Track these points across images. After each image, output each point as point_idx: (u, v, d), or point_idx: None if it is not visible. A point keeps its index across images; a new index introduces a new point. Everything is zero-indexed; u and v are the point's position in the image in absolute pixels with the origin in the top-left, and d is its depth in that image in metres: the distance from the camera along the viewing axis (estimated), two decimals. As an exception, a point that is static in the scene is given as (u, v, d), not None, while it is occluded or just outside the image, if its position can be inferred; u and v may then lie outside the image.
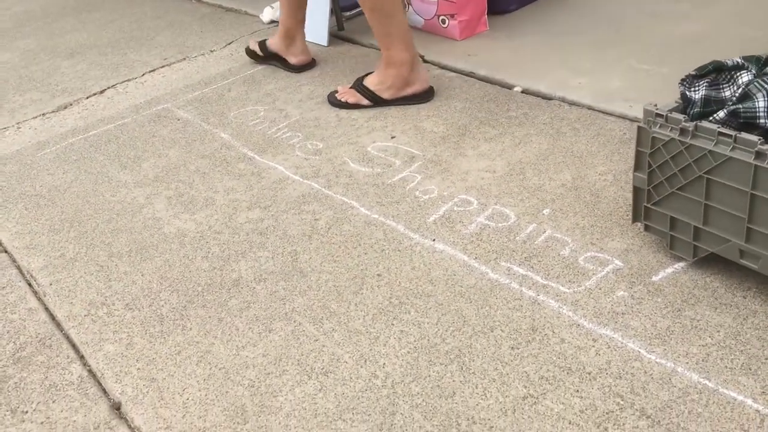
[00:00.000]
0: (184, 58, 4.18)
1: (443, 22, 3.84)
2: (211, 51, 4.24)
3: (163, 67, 4.10)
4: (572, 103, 3.05)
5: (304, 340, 2.02)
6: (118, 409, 1.91)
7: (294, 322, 2.10)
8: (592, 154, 2.67)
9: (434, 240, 2.36)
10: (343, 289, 2.20)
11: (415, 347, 1.95)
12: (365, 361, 1.92)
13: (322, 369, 1.92)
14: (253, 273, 2.32)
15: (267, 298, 2.21)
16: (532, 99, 3.15)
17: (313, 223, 2.54)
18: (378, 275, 2.24)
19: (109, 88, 3.92)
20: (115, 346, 2.10)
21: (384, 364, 1.91)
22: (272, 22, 4.50)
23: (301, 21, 3.65)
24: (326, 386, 1.86)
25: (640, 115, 2.02)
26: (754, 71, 1.99)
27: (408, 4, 4.02)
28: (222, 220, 2.62)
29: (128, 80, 3.98)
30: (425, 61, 3.66)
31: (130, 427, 1.85)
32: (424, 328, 2.01)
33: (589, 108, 2.99)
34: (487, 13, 3.89)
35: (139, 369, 2.01)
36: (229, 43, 4.32)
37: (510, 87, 3.28)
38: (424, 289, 2.15)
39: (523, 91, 3.23)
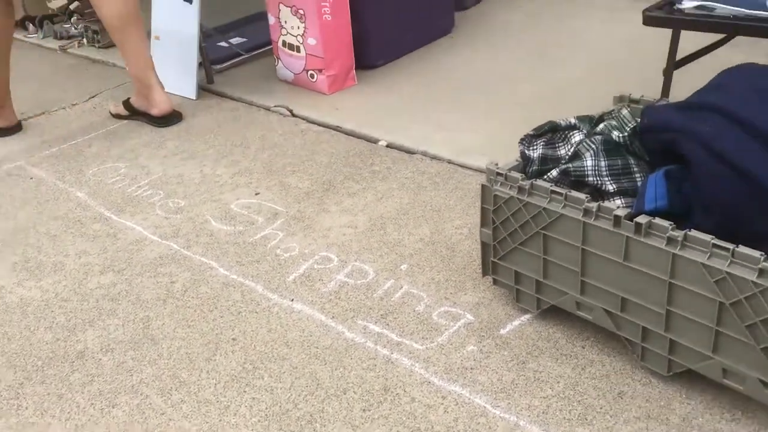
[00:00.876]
0: (43, 113, 4.00)
1: (312, 76, 3.88)
2: (73, 104, 4.09)
3: (20, 122, 3.90)
4: (434, 157, 3.14)
5: (150, 415, 1.93)
6: (-63, 504, 1.74)
7: (141, 394, 2.00)
8: (449, 208, 2.74)
9: (293, 300, 2.34)
10: (196, 356, 2.12)
11: (266, 415, 1.90)
12: (213, 433, 1.86)
13: (167, 444, 1.83)
14: (100, 343, 2.21)
15: (113, 370, 2.10)
16: (396, 153, 3.21)
17: (169, 286, 2.45)
18: (233, 339, 2.18)
19: (-43, 144, 3.69)
20: (-61, 433, 1.93)
21: (233, 435, 1.85)
22: (140, 74, 4.39)
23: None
24: (170, 463, 1.78)
25: (484, 173, 2.10)
26: (585, 131, 2.12)
27: (277, 58, 4.04)
28: (71, 286, 2.49)
29: (-20, 136, 3.76)
30: (293, 116, 3.68)
31: None
32: (276, 394, 1.96)
33: (449, 162, 3.08)
34: (356, 68, 3.96)
35: (-36, 457, 1.85)
36: (93, 96, 4.18)
37: (375, 141, 3.34)
38: (280, 353, 2.11)
39: (387, 145, 3.29)
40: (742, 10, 2.25)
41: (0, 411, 1.98)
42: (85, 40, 5.08)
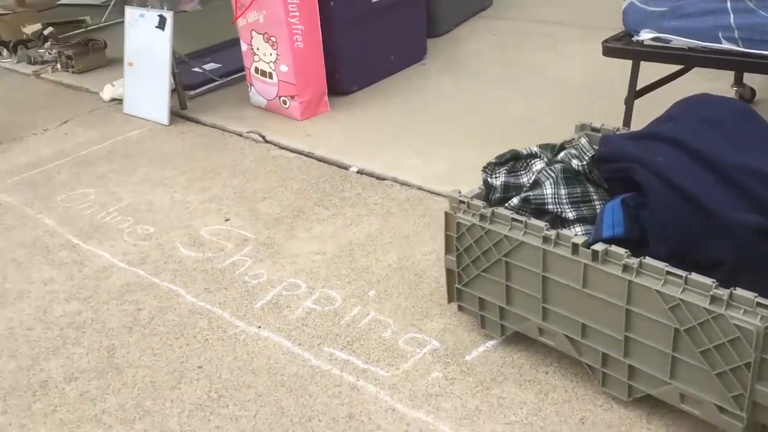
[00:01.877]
0: (14, 138, 3.98)
1: (284, 102, 3.91)
2: (45, 130, 4.08)
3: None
4: (404, 184, 3.16)
5: (112, 445, 1.91)
6: None
7: (104, 424, 1.98)
8: (418, 234, 2.76)
9: (259, 327, 2.34)
10: (161, 385, 2.11)
11: (229, 444, 1.89)
12: (176, 463, 1.84)
13: (129, 475, 1.82)
14: (64, 372, 2.19)
15: (76, 399, 2.08)
16: (366, 179, 3.24)
17: (136, 314, 2.44)
18: (199, 367, 2.17)
19: (-76, 170, 3.66)
20: None
21: (195, 465, 1.83)
22: (113, 100, 4.40)
23: None
24: (131, 495, 1.76)
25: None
26: (546, 159, 2.16)
27: (250, 84, 4.06)
28: (35, 314, 2.47)
29: (-52, 162, 3.74)
30: (266, 141, 3.70)
31: None
32: (241, 423, 1.96)
33: (419, 188, 3.11)
34: (328, 94, 4.00)
35: None
36: (65, 122, 4.17)
37: (346, 167, 3.36)
38: (245, 380, 2.11)
39: (358, 172, 3.32)
40: (698, 42, 2.32)
41: (-41, 443, 1.95)
42: (59, 65, 5.08)
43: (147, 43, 4.03)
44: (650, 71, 2.81)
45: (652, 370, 1.74)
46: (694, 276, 1.59)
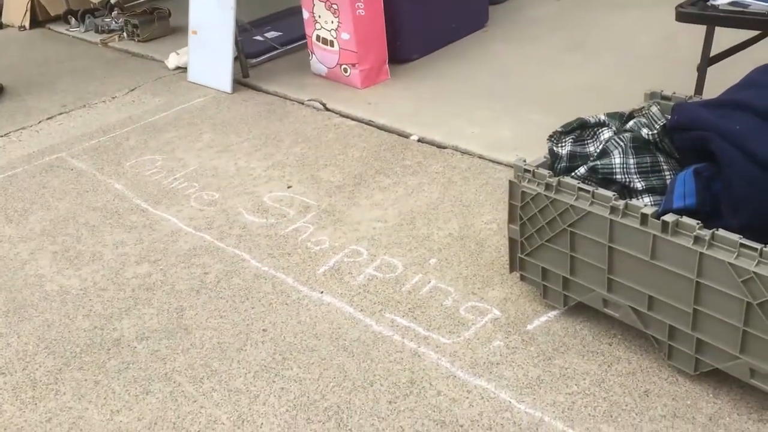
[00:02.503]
0: (84, 105, 4.10)
1: (345, 71, 3.91)
2: (113, 98, 4.18)
3: (61, 114, 4.01)
4: (464, 152, 3.14)
5: (182, 402, 1.99)
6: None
7: (173, 382, 2.06)
8: (479, 203, 2.75)
9: (322, 292, 2.37)
10: (227, 346, 2.18)
11: (294, 405, 1.94)
12: (243, 422, 1.90)
13: None
14: (136, 331, 2.28)
15: (147, 357, 2.16)
16: (427, 148, 3.23)
17: (203, 277, 2.51)
18: (263, 330, 2.23)
19: (1, 136, 3.81)
20: (-17, 414, 2.02)
21: (261, 424, 1.89)
22: (178, 68, 4.48)
23: None
24: (201, 449, 1.83)
25: (514, 169, 2.10)
26: (614, 128, 2.11)
27: (311, 52, 4.08)
28: (108, 275, 2.56)
29: (23, 128, 3.88)
30: (327, 110, 3.72)
31: (-8, 501, 1.77)
32: (305, 385, 2.00)
33: (480, 157, 3.09)
34: (389, 62, 3.98)
35: (6, 438, 1.93)
36: (132, 90, 4.27)
37: (407, 136, 3.36)
38: (309, 344, 2.15)
39: (419, 140, 3.31)
40: (779, 5, 2.21)
41: (39, 395, 2.06)
42: (125, 34, 5.19)
43: (210, 12, 4.07)
44: (725, 38, 2.70)
45: (721, 344, 1.71)
46: (770, 249, 1.54)
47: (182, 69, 4.42)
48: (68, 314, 2.38)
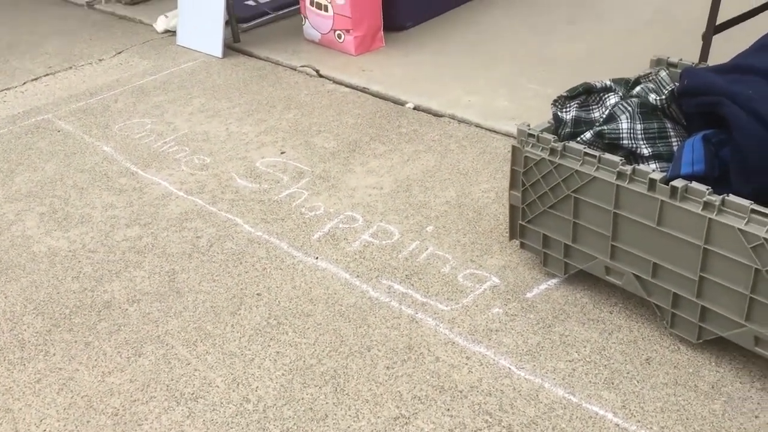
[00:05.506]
0: (71, 67, 4.00)
1: (339, 37, 3.83)
2: (100, 60, 4.08)
3: (47, 75, 3.91)
4: (461, 121, 3.10)
5: (176, 364, 1.94)
6: (-32, 443, 1.78)
7: (166, 345, 2.01)
8: (477, 172, 2.71)
9: (317, 258, 2.33)
10: (221, 310, 2.13)
11: (290, 369, 1.91)
12: (238, 384, 1.87)
13: (192, 394, 1.85)
14: (127, 294, 2.22)
15: (139, 320, 2.11)
16: (423, 116, 3.18)
17: (195, 241, 2.46)
18: (258, 294, 2.19)
19: (-15, 96, 3.71)
20: (-31, 375, 1.96)
21: (257, 387, 1.86)
22: (166, 31, 4.37)
23: None
24: (195, 412, 1.80)
25: (515, 134, 2.06)
26: (621, 93, 2.07)
27: (305, 17, 3.99)
28: (97, 238, 2.50)
29: (8, 89, 3.77)
30: (320, 76, 3.64)
31: (-21, 463, 1.73)
32: (300, 349, 1.97)
33: (477, 126, 3.04)
34: (384, 30, 3.91)
35: (-6, 399, 1.88)
36: (119, 53, 4.17)
37: (402, 103, 3.30)
38: (304, 309, 2.11)
39: (415, 108, 3.25)
40: (789, -28, 2.17)
41: (29, 356, 2.01)
42: (111, -4, 5.05)
43: (202, -27, 3.97)
44: (731, 6, 2.66)
45: (726, 312, 1.69)
46: (782, 215, 1.52)
47: (171, 32, 4.32)
48: (57, 276, 2.32)
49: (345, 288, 2.19)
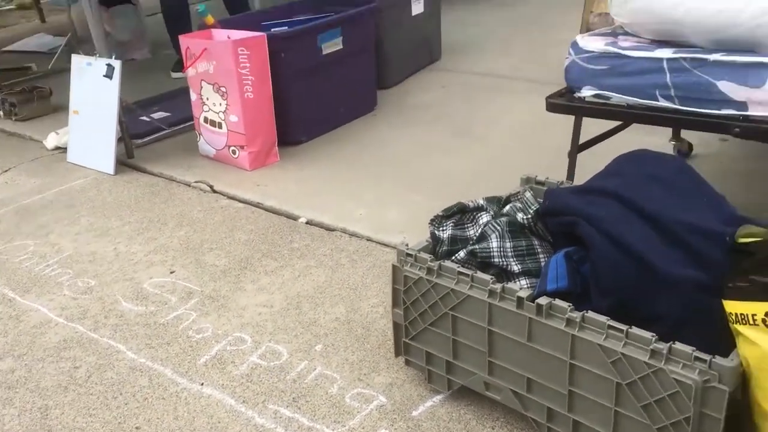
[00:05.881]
0: (-49, 187, 3.86)
1: (234, 152, 3.89)
2: (-16, 179, 3.96)
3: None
4: (353, 234, 3.16)
5: None
6: None
7: (32, 491, 1.88)
8: (366, 286, 2.75)
9: (202, 384, 2.27)
10: (96, 447, 2.02)
11: None
12: None
13: None
14: (-8, 435, 2.08)
15: (4, 464, 1.98)
16: (316, 230, 3.22)
17: (72, 371, 2.35)
18: (136, 428, 2.09)
19: None
20: None
21: None
22: (57, 148, 4.31)
23: None
24: None
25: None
26: (492, 212, 2.18)
27: (199, 134, 4.04)
28: (-36, 373, 2.35)
29: None
30: (214, 191, 3.66)
31: None
32: (180, 486, 1.88)
33: (368, 239, 3.11)
34: (279, 144, 3.99)
35: None
36: (6, 171, 4.06)
37: (296, 218, 3.34)
38: (186, 441, 2.03)
39: (307, 222, 3.30)
40: (636, 99, 2.39)
41: None
42: (1, 113, 4.96)
43: (94, 92, 3.98)
44: (593, 126, 2.89)
45: (595, 425, 1.74)
46: (635, 330, 1.61)
47: (62, 149, 4.27)
48: None
49: (230, 416, 2.12)
